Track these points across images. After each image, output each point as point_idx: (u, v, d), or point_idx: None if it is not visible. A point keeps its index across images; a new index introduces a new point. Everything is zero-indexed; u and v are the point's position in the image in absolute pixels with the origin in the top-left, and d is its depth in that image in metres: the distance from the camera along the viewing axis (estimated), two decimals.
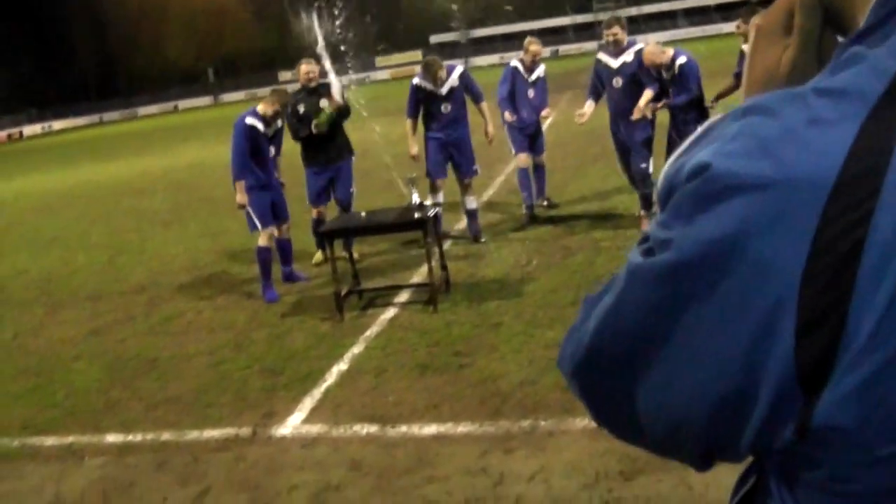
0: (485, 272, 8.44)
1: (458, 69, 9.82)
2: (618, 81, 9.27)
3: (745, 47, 8.89)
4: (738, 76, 9.54)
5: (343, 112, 9.32)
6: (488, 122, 9.90)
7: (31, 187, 25.47)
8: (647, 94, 9.08)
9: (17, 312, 9.76)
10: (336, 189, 9.54)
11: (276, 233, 8.76)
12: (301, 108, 9.32)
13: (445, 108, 9.64)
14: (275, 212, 8.72)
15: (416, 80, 9.73)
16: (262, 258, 8.56)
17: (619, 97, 9.30)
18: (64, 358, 7.69)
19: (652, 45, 9.37)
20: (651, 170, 9.27)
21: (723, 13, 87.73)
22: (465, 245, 9.68)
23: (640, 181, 9.35)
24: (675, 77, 9.17)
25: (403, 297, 8.04)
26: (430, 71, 9.58)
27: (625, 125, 9.29)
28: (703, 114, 9.20)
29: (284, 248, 8.99)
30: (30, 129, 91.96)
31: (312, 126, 9.14)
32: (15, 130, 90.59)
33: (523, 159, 10.49)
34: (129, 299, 9.50)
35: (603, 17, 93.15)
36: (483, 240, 9.69)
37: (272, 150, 8.83)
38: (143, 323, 8.44)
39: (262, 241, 8.52)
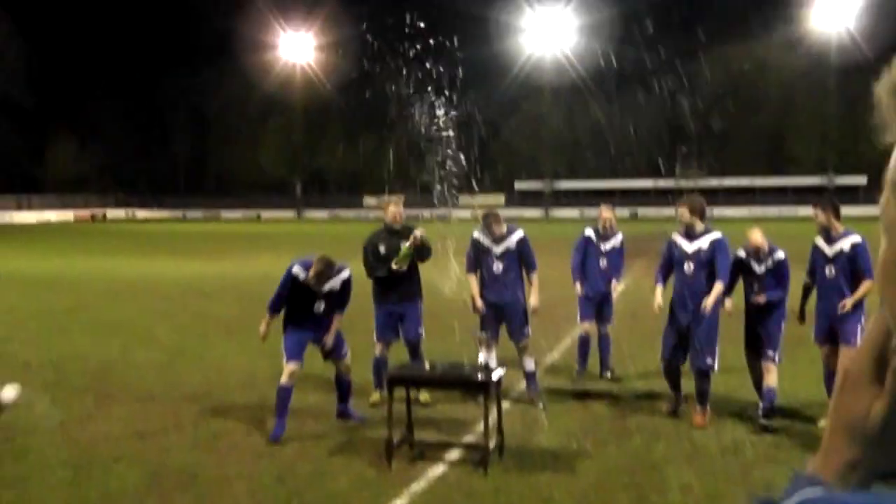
0: (540, 440, 8.21)
1: (519, 233, 9.75)
2: (689, 266, 8.88)
3: (820, 241, 8.75)
4: (811, 274, 8.96)
5: (422, 252, 9.33)
6: (533, 294, 9.70)
7: (106, 271, 25.95)
8: (718, 287, 8.65)
9: (69, 398, 9.78)
10: (405, 329, 9.52)
11: (337, 367, 8.86)
12: (382, 248, 9.42)
13: (497, 267, 9.58)
14: (329, 353, 8.79)
15: (475, 234, 9.74)
16: (280, 395, 8.38)
17: (689, 282, 8.88)
18: (105, 457, 7.61)
19: (758, 230, 9.16)
20: (717, 366, 8.81)
21: (800, 195, 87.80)
22: (523, 407, 9.46)
23: (701, 377, 8.79)
24: (771, 270, 8.91)
25: (455, 454, 7.84)
26: (487, 222, 9.63)
27: (690, 314, 8.81)
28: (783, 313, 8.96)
29: (342, 385, 8.92)
30: (113, 213, 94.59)
31: (392, 264, 9.17)
32: (100, 211, 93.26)
33: (586, 327, 10.69)
34: (180, 406, 9.43)
35: (685, 184, 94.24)
36: (541, 405, 9.47)
37: (321, 306, 8.65)
38: (190, 434, 8.35)
39: (284, 378, 8.42)
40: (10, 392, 6.29)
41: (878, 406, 0.76)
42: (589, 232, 10.86)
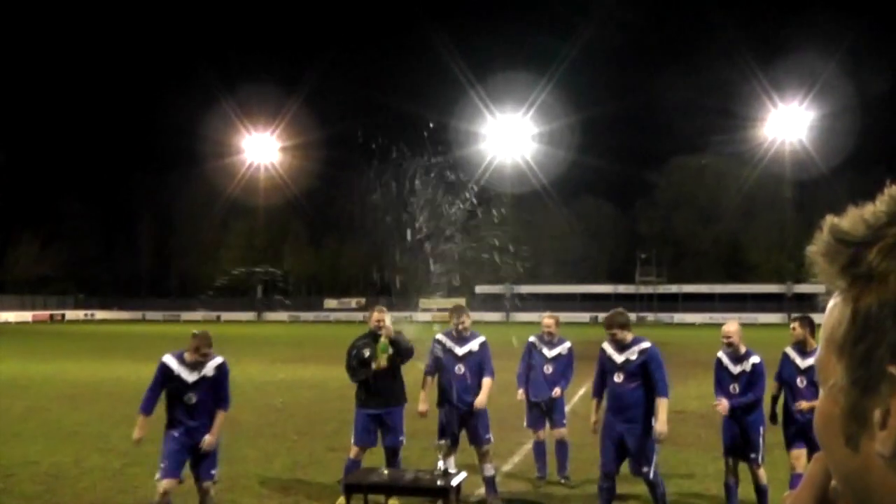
0: None
1: (481, 338, 9.80)
2: (619, 377, 8.70)
3: (792, 353, 9.11)
4: (779, 380, 9.37)
5: (400, 347, 9.32)
6: (483, 393, 9.63)
7: (62, 374, 25.54)
8: (663, 405, 8.46)
9: None
10: (387, 435, 9.37)
11: (200, 494, 8.25)
12: (366, 353, 9.38)
13: (460, 369, 9.57)
14: (197, 466, 8.22)
15: (438, 336, 9.80)
16: None
17: (620, 393, 8.70)
18: None
19: (737, 324, 9.41)
20: (653, 475, 8.60)
21: (759, 303, 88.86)
22: None
23: (648, 484, 8.69)
24: (746, 374, 9.08)
25: None
26: (458, 313, 9.74)
27: (623, 425, 8.63)
28: (763, 418, 9.18)
29: None
30: (73, 314, 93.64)
31: (373, 364, 9.16)
32: (59, 312, 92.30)
33: (537, 434, 10.90)
34: None
35: (644, 289, 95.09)
36: None
37: (192, 398, 8.13)
38: None
39: (157, 495, 7.97)
40: None
41: None
42: (533, 338, 11.05)
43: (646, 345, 8.76)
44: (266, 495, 10.12)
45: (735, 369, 9.15)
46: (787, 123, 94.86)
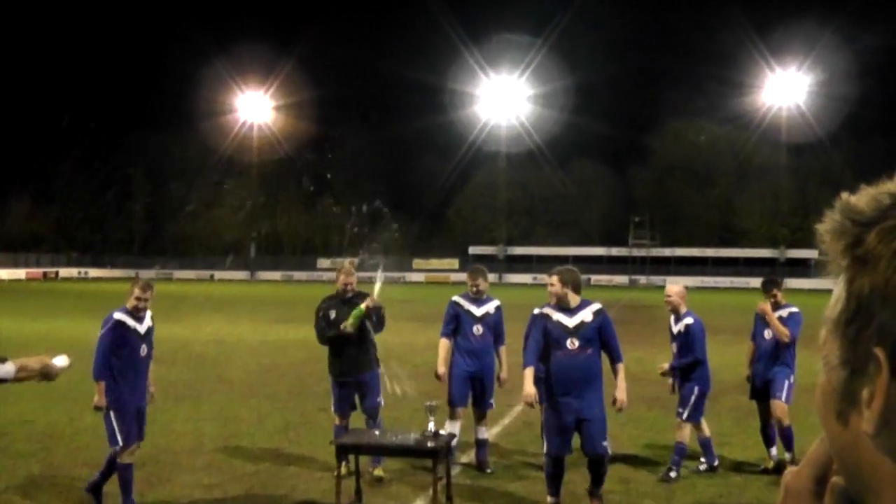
0: None
1: (497, 302, 9.95)
2: (573, 343, 7.90)
3: (762, 308, 9.61)
4: (754, 339, 10.07)
5: (374, 318, 9.23)
6: (503, 368, 9.86)
7: (57, 332, 25.64)
8: (623, 370, 8.02)
9: (13, 465, 9.64)
10: (363, 401, 9.38)
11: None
12: (332, 314, 9.28)
13: (478, 330, 9.67)
14: (139, 426, 8.17)
15: (455, 298, 9.88)
16: (125, 477, 7.91)
17: (573, 363, 7.90)
18: None
19: (680, 286, 9.75)
20: (610, 450, 8.04)
21: (751, 267, 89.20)
22: (472, 474, 9.50)
23: (597, 461, 7.97)
24: (681, 334, 9.40)
25: None
26: (474, 275, 9.79)
27: (578, 398, 7.84)
28: (704, 379, 9.43)
29: (111, 466, 8.13)
30: (66, 271, 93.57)
31: (343, 326, 9.05)
32: (52, 270, 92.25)
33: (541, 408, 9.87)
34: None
35: (637, 252, 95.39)
36: (490, 470, 9.53)
37: (144, 349, 8.15)
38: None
39: (124, 457, 7.89)
40: (63, 360, 6.01)
41: None
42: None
43: (597, 305, 8.10)
44: (258, 455, 10.26)
45: (674, 329, 9.50)
46: (785, 89, 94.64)
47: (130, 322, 8.07)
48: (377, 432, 8.04)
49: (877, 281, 0.74)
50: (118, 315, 8.05)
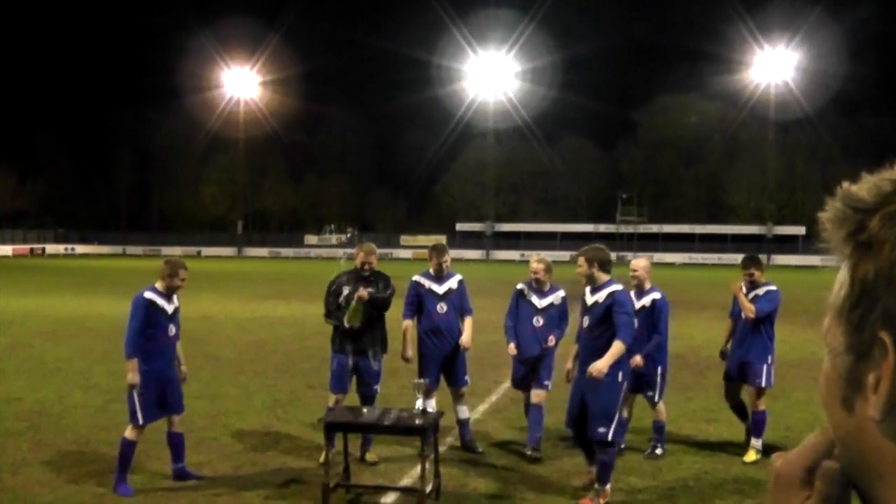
0: (476, 484, 8.31)
1: (459, 276, 9.81)
2: (587, 321, 8.09)
3: (733, 286, 9.55)
4: (732, 316, 9.98)
5: (378, 304, 9.09)
6: (466, 332, 9.64)
7: (44, 309, 25.60)
8: (617, 346, 7.75)
9: (2, 443, 9.65)
10: (360, 385, 9.21)
11: (169, 425, 8.29)
12: (345, 291, 9.08)
13: (441, 308, 9.58)
14: (168, 403, 8.19)
15: (416, 277, 9.73)
16: (126, 452, 8.00)
17: (587, 341, 8.09)
18: None
19: (646, 261, 9.78)
20: (610, 437, 7.79)
21: (738, 243, 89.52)
22: (461, 452, 9.56)
23: (598, 446, 7.86)
24: (646, 310, 9.30)
25: (392, 497, 7.92)
26: (440, 253, 9.63)
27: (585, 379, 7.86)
28: (664, 356, 9.52)
29: (176, 443, 8.37)
30: (53, 248, 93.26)
31: (345, 321, 8.97)
32: (39, 246, 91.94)
33: (521, 394, 9.95)
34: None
35: (625, 229, 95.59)
36: (480, 450, 9.55)
37: (172, 329, 8.26)
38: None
39: (131, 433, 8.02)
40: None
41: None
42: (522, 285, 9.81)
43: (616, 287, 8.03)
44: (246, 433, 10.30)
45: (637, 304, 9.24)
46: (773, 66, 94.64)
47: (160, 301, 8.15)
48: (365, 410, 8.07)
49: (881, 265, 0.74)
50: (148, 295, 8.11)
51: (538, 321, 9.54)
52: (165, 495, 7.86)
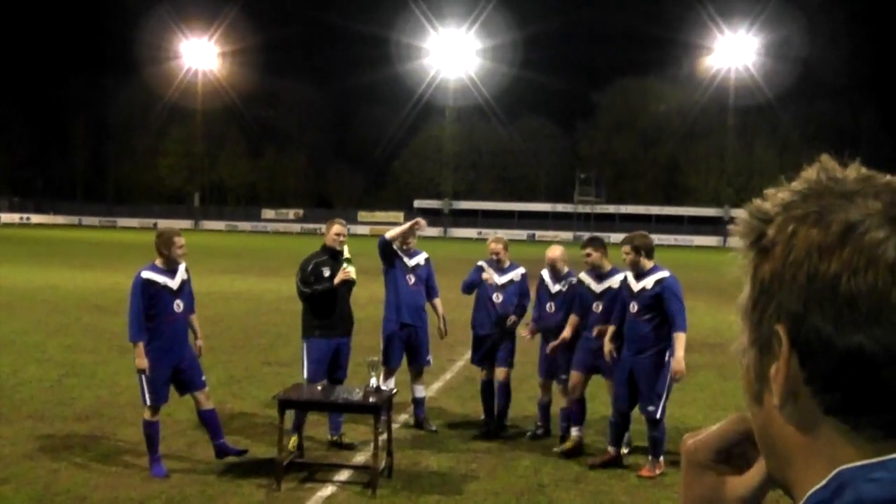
0: (429, 462, 8.44)
1: (425, 254, 9.87)
2: (634, 307, 8.34)
3: (584, 276, 9.19)
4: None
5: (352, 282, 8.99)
6: (441, 320, 9.86)
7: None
8: (680, 338, 8.07)
9: None
10: (334, 368, 8.93)
11: (197, 404, 8.19)
12: (326, 272, 8.79)
13: (410, 279, 9.61)
14: (185, 381, 8.09)
15: (387, 235, 9.71)
16: (149, 432, 7.84)
17: (633, 325, 8.38)
18: None
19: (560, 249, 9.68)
20: (659, 415, 8.19)
21: (695, 226, 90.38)
22: (415, 430, 9.68)
23: (649, 424, 8.32)
24: (563, 293, 9.35)
25: (345, 475, 8.01)
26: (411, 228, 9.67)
27: (634, 357, 8.33)
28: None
29: (209, 420, 8.16)
30: (7, 217, 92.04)
31: (340, 275, 8.67)
32: None
33: (485, 373, 9.89)
34: (70, 426, 9.38)
35: (582, 209, 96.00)
36: (433, 428, 9.68)
37: (179, 305, 8.02)
38: (80, 455, 8.32)
39: (148, 414, 7.87)
40: None
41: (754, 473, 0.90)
42: (482, 263, 9.92)
43: (664, 274, 8.28)
44: None
45: (553, 288, 9.46)
46: (734, 50, 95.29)
47: (160, 278, 7.89)
48: (318, 387, 8.16)
49: (775, 265, 0.82)
50: (145, 274, 7.84)
51: (497, 297, 9.68)
52: (119, 472, 7.89)
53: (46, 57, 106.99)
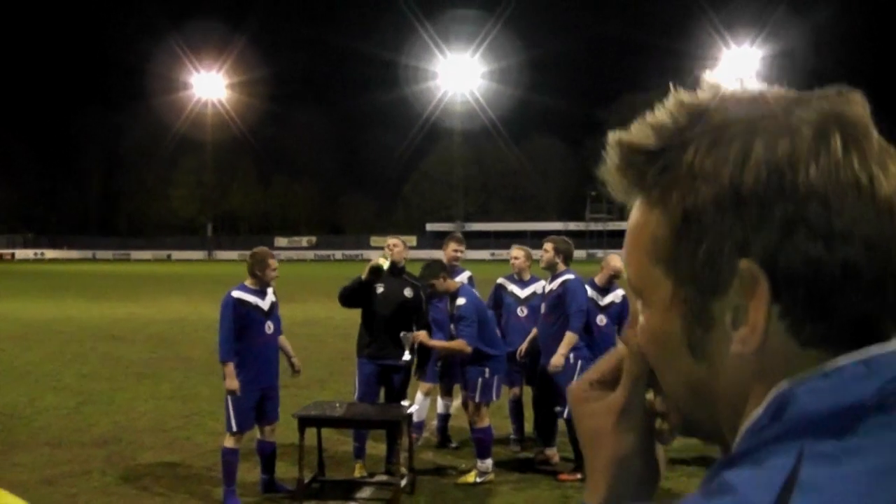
0: (451, 479, 8.35)
1: (467, 273, 9.74)
2: (522, 311, 9.04)
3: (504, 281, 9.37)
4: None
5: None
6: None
7: (14, 313, 25.38)
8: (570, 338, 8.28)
9: None
10: (389, 392, 8.53)
11: (258, 434, 7.91)
12: (379, 289, 8.47)
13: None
14: (265, 411, 7.80)
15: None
16: (228, 460, 7.57)
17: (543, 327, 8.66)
18: None
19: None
20: (566, 415, 8.14)
21: None
22: (434, 447, 9.58)
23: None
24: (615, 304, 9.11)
25: (367, 492, 7.94)
26: (450, 240, 9.95)
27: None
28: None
29: (268, 453, 7.92)
30: (22, 253, 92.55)
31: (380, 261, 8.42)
32: (8, 251, 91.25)
33: (513, 390, 9.59)
34: (88, 452, 9.33)
35: (594, 226, 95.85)
36: (454, 445, 9.58)
37: (270, 327, 7.82)
38: (98, 479, 8.27)
39: (230, 442, 7.58)
40: None
41: (617, 399, 0.83)
42: (501, 280, 9.65)
43: (568, 276, 8.47)
44: (220, 432, 10.12)
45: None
46: (739, 63, 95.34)
47: (251, 299, 7.70)
48: (337, 405, 8.08)
49: (721, 191, 0.71)
50: (236, 293, 7.66)
51: (522, 311, 9.38)
52: (138, 495, 7.83)
53: (57, 92, 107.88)
